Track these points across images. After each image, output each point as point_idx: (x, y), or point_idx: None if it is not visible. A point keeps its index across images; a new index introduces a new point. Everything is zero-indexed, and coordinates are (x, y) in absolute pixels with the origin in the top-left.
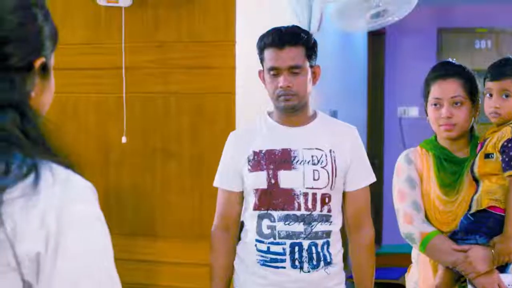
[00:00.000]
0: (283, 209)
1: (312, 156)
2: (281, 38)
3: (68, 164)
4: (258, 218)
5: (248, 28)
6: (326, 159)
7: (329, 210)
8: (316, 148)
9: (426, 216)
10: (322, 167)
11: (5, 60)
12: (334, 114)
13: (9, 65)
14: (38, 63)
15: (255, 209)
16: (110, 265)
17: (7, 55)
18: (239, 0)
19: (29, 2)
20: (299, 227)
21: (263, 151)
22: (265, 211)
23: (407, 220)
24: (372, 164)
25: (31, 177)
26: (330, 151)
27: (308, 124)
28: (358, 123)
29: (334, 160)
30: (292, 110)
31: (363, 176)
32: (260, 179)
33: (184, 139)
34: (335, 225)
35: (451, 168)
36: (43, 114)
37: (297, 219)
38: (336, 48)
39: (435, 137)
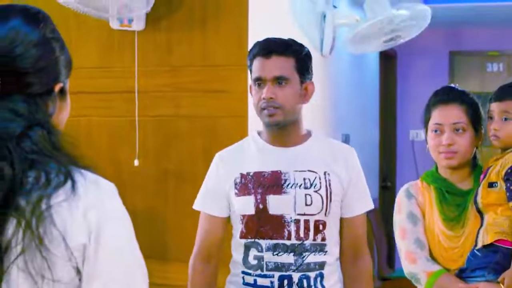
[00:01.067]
0: (271, 238)
1: (305, 179)
2: (268, 47)
3: (90, 168)
4: (245, 248)
5: None
6: (320, 182)
7: (323, 239)
8: (309, 170)
9: (431, 254)
10: (316, 191)
11: (29, 87)
12: (346, 138)
13: (32, 91)
14: (57, 88)
15: (241, 237)
16: (138, 252)
17: (30, 83)
18: (251, 24)
19: (48, 37)
20: (288, 258)
21: (251, 174)
22: (252, 240)
23: (410, 259)
24: (385, 186)
25: (69, 182)
26: (325, 173)
27: (301, 144)
28: (371, 146)
29: (329, 184)
30: (278, 127)
31: (361, 201)
32: (247, 204)
33: (196, 162)
34: (331, 255)
35: (454, 201)
36: (61, 129)
37: (286, 249)
38: (348, 71)
39: (436, 168)
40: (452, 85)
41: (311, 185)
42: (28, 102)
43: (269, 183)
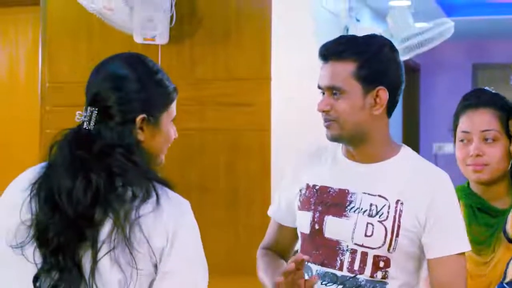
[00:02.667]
0: (322, 264)
1: (371, 205)
2: (325, 49)
3: (169, 185)
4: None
5: (284, 65)
6: (388, 212)
7: (384, 277)
8: (379, 195)
9: None
10: (380, 222)
11: (112, 119)
12: None
13: (115, 121)
14: (138, 119)
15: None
16: (203, 257)
17: (112, 115)
18: (275, 37)
19: (128, 79)
20: None
21: (317, 187)
22: (306, 263)
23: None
24: None
25: (154, 196)
26: (397, 202)
27: (380, 162)
28: None
29: (400, 215)
30: (340, 141)
31: (446, 241)
32: (304, 221)
33: (219, 175)
34: None
35: (485, 221)
36: (158, 153)
37: (336, 280)
38: None
39: (468, 183)
40: (485, 87)
41: (376, 213)
42: (111, 129)
43: (332, 201)
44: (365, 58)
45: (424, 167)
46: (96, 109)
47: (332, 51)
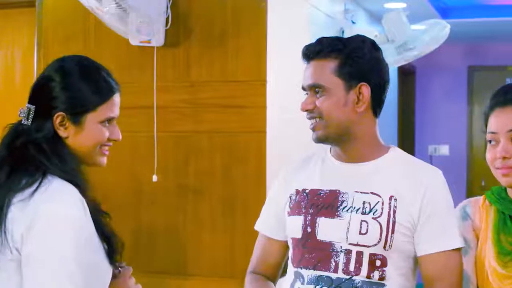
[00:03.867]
0: (315, 268)
1: (364, 203)
2: (307, 50)
3: (74, 182)
4: (293, 277)
5: (280, 68)
6: (382, 208)
7: (381, 278)
8: (372, 193)
9: None
10: (374, 218)
11: (39, 115)
12: None
13: (41, 118)
14: (55, 116)
15: (292, 264)
16: (68, 245)
17: (39, 112)
18: (270, 39)
19: (48, 79)
20: None
21: (307, 191)
22: (296, 269)
23: None
24: None
25: (34, 186)
26: (391, 198)
27: (371, 161)
28: None
29: (394, 211)
30: (327, 142)
31: (438, 238)
32: (296, 226)
33: (215, 177)
34: None
35: None
36: (86, 151)
37: (331, 283)
38: None
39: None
40: None
41: (370, 210)
42: (36, 125)
43: (324, 203)
44: (346, 54)
45: (416, 164)
46: (33, 106)
47: (314, 50)
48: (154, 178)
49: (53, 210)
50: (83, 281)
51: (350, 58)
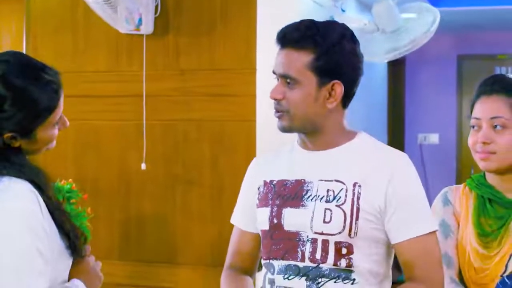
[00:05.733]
0: (283, 258)
1: (328, 191)
2: (283, 34)
3: (32, 181)
4: (265, 269)
5: (269, 56)
6: (346, 196)
7: (348, 265)
8: (336, 180)
9: (461, 273)
10: (337, 206)
11: None
12: None
13: None
14: (5, 137)
15: (263, 257)
16: (21, 241)
17: None
18: (260, 28)
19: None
20: (300, 283)
21: (274, 182)
22: (267, 261)
23: None
24: None
25: None
26: (355, 185)
27: (336, 148)
28: None
29: (358, 198)
30: (291, 132)
31: (412, 223)
32: (263, 218)
33: (204, 166)
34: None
35: (495, 213)
36: (40, 149)
37: (298, 272)
38: None
39: (485, 173)
40: (507, 74)
41: (334, 198)
42: None
43: (290, 193)
44: (323, 49)
45: (380, 149)
46: None
47: (289, 37)
48: (143, 166)
49: (2, 204)
50: (44, 266)
51: (326, 54)
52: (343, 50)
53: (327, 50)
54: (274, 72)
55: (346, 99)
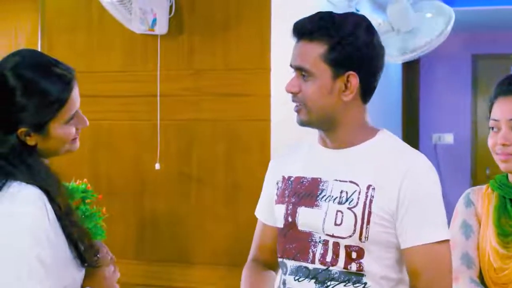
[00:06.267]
0: (294, 259)
1: (341, 192)
2: (298, 27)
3: (41, 187)
4: (280, 267)
5: (283, 56)
6: (358, 198)
7: (359, 269)
8: (350, 181)
9: (481, 273)
10: (349, 208)
11: None
12: None
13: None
14: (19, 132)
15: (278, 254)
16: (22, 248)
17: None
18: (274, 27)
19: (10, 89)
20: (309, 285)
21: (292, 178)
22: (281, 259)
23: (454, 277)
24: None
25: None
26: (369, 187)
27: (355, 147)
28: None
29: (370, 201)
30: (310, 126)
31: (421, 228)
32: (279, 215)
33: (218, 166)
34: None
35: None
36: (58, 149)
37: (308, 274)
38: None
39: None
40: None
41: (346, 199)
42: None
43: (305, 191)
44: (336, 40)
45: (399, 149)
46: None
47: (304, 30)
48: (157, 166)
49: (8, 209)
50: (45, 274)
51: (340, 44)
52: (357, 40)
53: (340, 40)
54: (291, 65)
55: (365, 93)
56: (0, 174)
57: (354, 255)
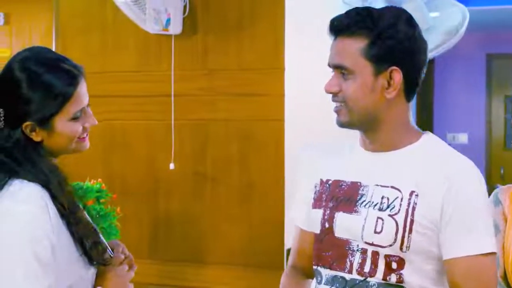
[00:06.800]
0: (331, 268)
1: (382, 198)
2: (336, 23)
3: (43, 185)
4: (314, 275)
5: (297, 55)
6: (401, 205)
7: (399, 281)
8: (392, 187)
9: (506, 273)
10: (390, 216)
11: (4, 121)
12: None
13: (7, 124)
14: (24, 126)
15: (313, 261)
16: (23, 246)
17: (3, 119)
18: (288, 27)
19: (16, 80)
20: None
21: (330, 181)
22: (316, 267)
23: None
24: None
25: None
26: (411, 193)
27: (396, 150)
28: None
29: (413, 208)
30: (350, 128)
31: (465, 239)
32: (316, 220)
33: (232, 165)
34: None
35: None
36: (64, 147)
37: (344, 284)
38: None
39: None
40: None
41: (387, 206)
42: (2, 131)
43: (344, 196)
44: (376, 33)
45: (445, 154)
46: (1, 109)
47: (341, 25)
48: (171, 166)
49: (8, 207)
50: (43, 272)
51: (380, 39)
52: (398, 34)
53: (380, 34)
54: (329, 65)
55: (409, 90)
56: (2, 171)
57: (394, 265)
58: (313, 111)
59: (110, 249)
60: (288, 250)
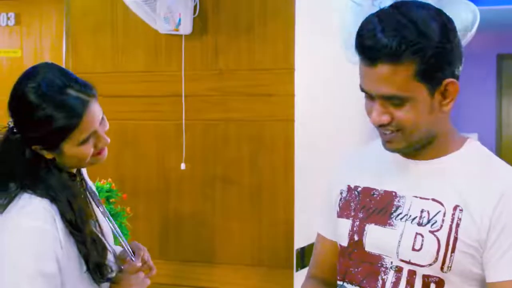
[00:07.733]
0: (360, 285)
1: (422, 211)
2: (373, 50)
3: (48, 197)
4: None
5: (308, 55)
6: (443, 220)
7: None
8: (433, 199)
9: None
10: (432, 232)
11: (16, 134)
12: None
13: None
14: (34, 148)
15: (338, 276)
16: (27, 262)
17: (15, 133)
18: (299, 27)
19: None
20: None
21: (359, 189)
22: (341, 282)
23: None
24: None
25: (6, 203)
26: (455, 208)
27: (439, 158)
28: None
29: (457, 224)
30: (403, 152)
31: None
32: (342, 231)
33: (243, 166)
34: None
35: None
36: (72, 164)
37: None
38: None
39: None
40: None
41: (428, 221)
42: (14, 143)
43: (376, 206)
44: (428, 54)
45: (492, 164)
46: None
47: (384, 52)
48: (182, 166)
49: (16, 222)
50: (49, 287)
51: (432, 57)
52: (448, 46)
53: (433, 52)
54: (363, 90)
55: None
56: (14, 183)
57: (432, 286)
58: (323, 112)
59: (131, 251)
60: (298, 251)
